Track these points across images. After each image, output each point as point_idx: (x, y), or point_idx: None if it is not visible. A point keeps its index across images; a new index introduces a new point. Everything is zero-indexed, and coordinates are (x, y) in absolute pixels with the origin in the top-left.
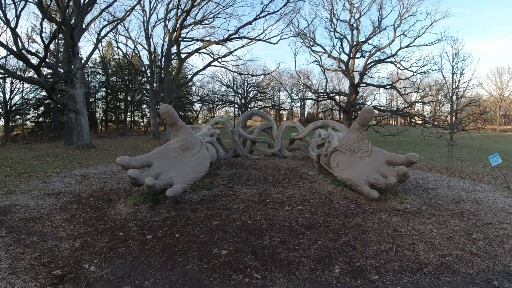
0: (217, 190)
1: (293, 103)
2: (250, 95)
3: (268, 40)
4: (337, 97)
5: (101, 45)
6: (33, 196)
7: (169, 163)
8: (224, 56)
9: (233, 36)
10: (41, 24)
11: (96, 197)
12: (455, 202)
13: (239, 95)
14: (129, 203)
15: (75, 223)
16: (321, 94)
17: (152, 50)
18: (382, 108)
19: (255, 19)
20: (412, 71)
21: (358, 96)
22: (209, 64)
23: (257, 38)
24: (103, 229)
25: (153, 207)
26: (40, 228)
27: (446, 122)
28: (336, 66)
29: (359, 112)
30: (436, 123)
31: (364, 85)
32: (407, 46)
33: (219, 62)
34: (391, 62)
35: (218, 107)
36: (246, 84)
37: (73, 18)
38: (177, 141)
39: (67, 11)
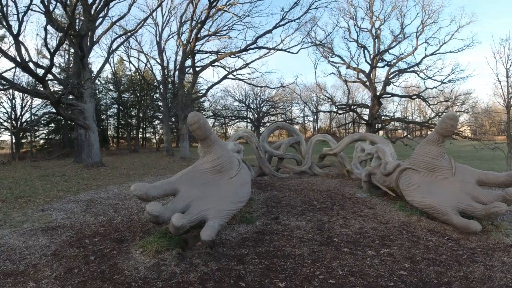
0: (260, 224)
1: (305, 118)
2: (263, 110)
3: (288, 50)
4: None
5: (113, 61)
6: (24, 232)
7: (200, 191)
8: (240, 68)
9: (251, 46)
10: (45, 29)
11: (103, 235)
12: None
13: (252, 110)
14: (148, 249)
15: (71, 286)
16: (343, 106)
17: (165, 64)
18: (406, 120)
19: (275, 27)
20: (436, 80)
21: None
22: (224, 77)
23: (276, 48)
24: None
25: (182, 255)
26: None
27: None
28: (355, 77)
29: (383, 124)
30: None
31: (389, 95)
32: (432, 54)
33: (234, 75)
34: (414, 71)
35: (230, 122)
36: (259, 98)
37: (83, 27)
38: (210, 160)
39: (75, 18)
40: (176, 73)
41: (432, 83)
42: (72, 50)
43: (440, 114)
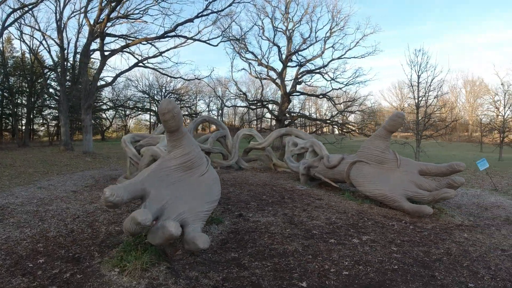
0: (229, 223)
1: (210, 112)
2: None
3: (208, 42)
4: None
5: (1, 40)
6: None
7: (172, 191)
8: (154, 56)
9: (169, 34)
10: None
11: (46, 255)
12: (484, 208)
13: (156, 102)
14: (129, 267)
15: None
16: (255, 102)
17: (66, 45)
18: (312, 117)
19: (197, 17)
20: (338, 82)
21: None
22: (136, 65)
23: (196, 38)
24: None
25: (172, 268)
26: None
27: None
28: (265, 75)
29: (292, 120)
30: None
31: (298, 93)
32: (338, 58)
33: (143, 64)
34: (320, 73)
35: (132, 114)
36: (164, 90)
37: None
38: (178, 156)
39: None
40: (78, 56)
41: (337, 85)
42: None
43: (343, 112)
